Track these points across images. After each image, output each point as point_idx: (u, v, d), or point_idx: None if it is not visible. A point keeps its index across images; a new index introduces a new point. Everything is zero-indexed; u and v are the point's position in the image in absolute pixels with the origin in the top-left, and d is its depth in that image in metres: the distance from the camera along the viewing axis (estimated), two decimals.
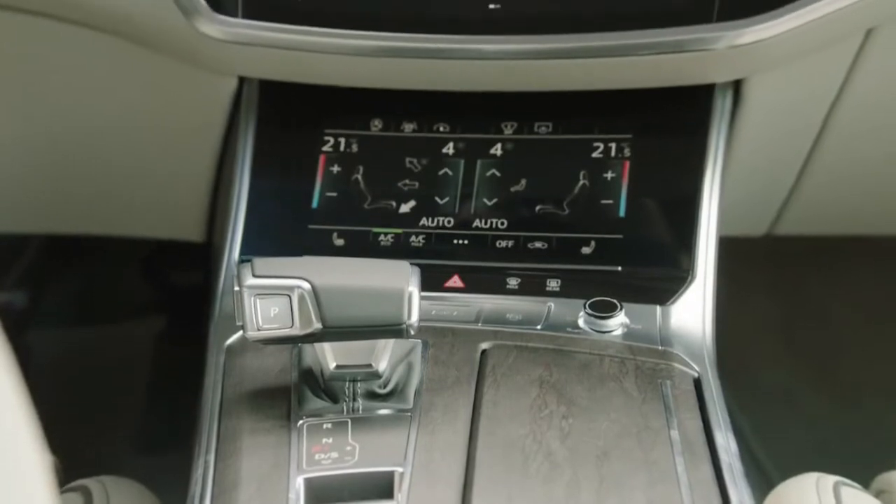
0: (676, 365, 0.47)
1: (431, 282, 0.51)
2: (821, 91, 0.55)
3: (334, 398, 0.44)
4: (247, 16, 0.50)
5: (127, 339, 0.93)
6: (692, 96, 0.54)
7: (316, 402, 0.44)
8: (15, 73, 0.60)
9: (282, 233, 0.56)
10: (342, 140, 0.57)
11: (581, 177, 0.55)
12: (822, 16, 0.46)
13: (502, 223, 0.55)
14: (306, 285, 0.42)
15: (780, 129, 0.58)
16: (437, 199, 0.56)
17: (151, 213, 0.70)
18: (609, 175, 0.55)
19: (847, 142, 0.58)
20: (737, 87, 0.54)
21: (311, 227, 0.56)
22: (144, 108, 0.62)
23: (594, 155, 0.55)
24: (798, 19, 0.46)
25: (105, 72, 0.60)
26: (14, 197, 0.68)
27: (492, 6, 0.49)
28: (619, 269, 0.52)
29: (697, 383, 0.46)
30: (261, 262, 0.42)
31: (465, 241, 0.55)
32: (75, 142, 0.65)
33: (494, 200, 0.56)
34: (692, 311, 0.50)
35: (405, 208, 0.56)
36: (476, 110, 0.57)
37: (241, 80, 0.58)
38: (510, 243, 0.55)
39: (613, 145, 0.55)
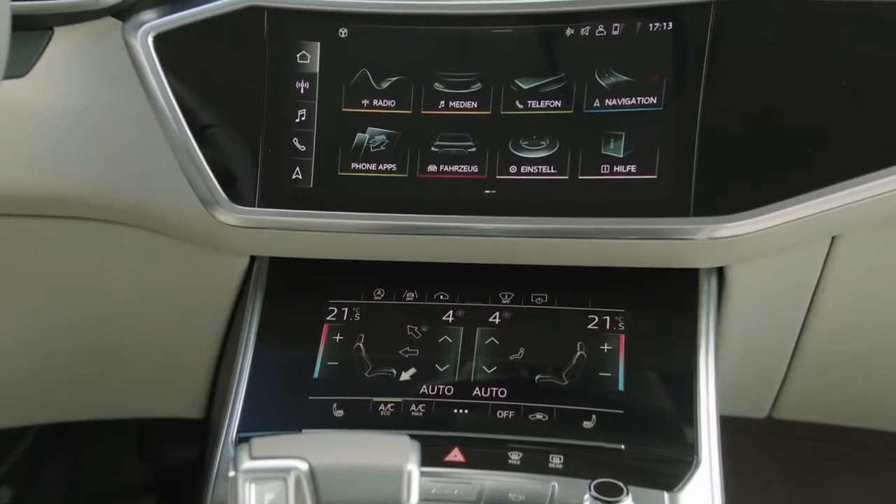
0: None
1: (431, 455, 0.50)
2: (799, 286, 0.58)
3: None
4: (262, 204, 0.54)
5: None
6: (680, 277, 0.56)
7: None
8: (26, 273, 0.63)
9: (282, 405, 0.56)
10: (345, 309, 0.59)
11: (578, 348, 0.56)
12: (786, 221, 0.50)
13: (502, 392, 0.55)
14: (304, 466, 0.41)
15: (765, 316, 0.60)
16: (437, 366, 0.56)
17: (152, 393, 0.70)
18: (606, 347, 0.56)
19: (831, 336, 0.60)
20: (721, 272, 0.57)
21: (311, 398, 0.56)
22: (156, 291, 0.64)
23: (590, 327, 0.57)
24: (765, 222, 0.50)
25: (117, 260, 0.62)
26: (14, 391, 0.68)
27: (487, 192, 0.54)
28: (622, 447, 0.51)
29: None
30: (259, 443, 0.42)
31: (466, 411, 0.55)
32: (82, 332, 0.66)
33: (494, 369, 0.56)
34: (701, 501, 0.48)
35: (405, 376, 0.57)
36: (474, 280, 0.59)
37: (252, 257, 0.61)
38: (510, 414, 0.54)
39: (608, 318, 0.57)
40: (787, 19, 0.49)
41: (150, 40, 0.53)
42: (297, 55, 0.54)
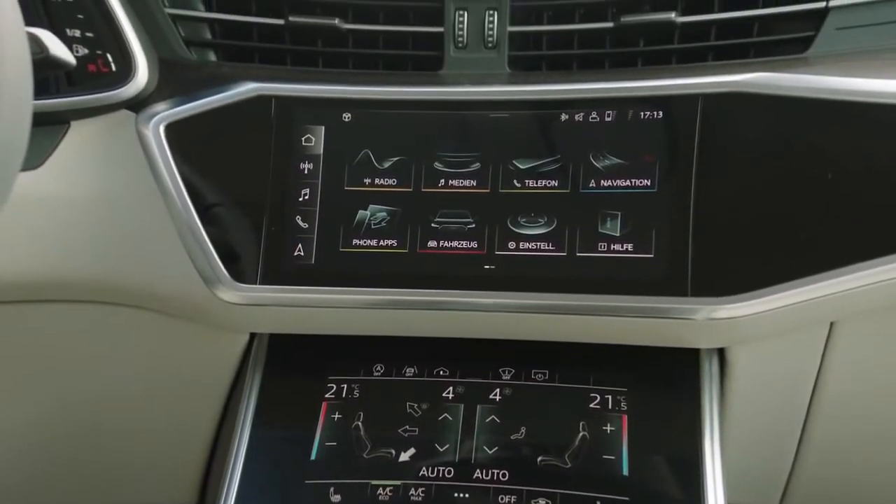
0: None
1: None
2: (800, 371, 0.58)
3: None
4: (264, 282, 0.55)
5: None
6: (681, 356, 0.56)
7: None
8: (24, 359, 0.63)
9: (278, 491, 0.54)
10: (344, 386, 0.58)
11: (581, 428, 0.55)
12: (783, 305, 0.50)
13: (504, 475, 0.53)
14: None
15: (768, 400, 0.59)
16: (436, 445, 0.55)
17: (144, 479, 0.68)
18: (608, 428, 0.54)
19: (837, 424, 0.59)
20: (722, 353, 0.56)
21: (307, 482, 0.54)
22: (154, 372, 0.63)
23: (592, 406, 0.56)
24: (763, 305, 0.50)
25: (115, 341, 0.62)
26: (3, 481, 0.67)
27: (487, 267, 0.54)
28: None
29: None
30: None
31: (466, 495, 0.53)
32: (77, 417, 0.65)
33: (495, 449, 0.55)
34: None
35: (405, 456, 0.55)
36: (475, 356, 0.59)
37: (252, 335, 0.61)
38: (513, 499, 0.52)
39: (610, 397, 0.56)
40: (771, 113, 0.51)
41: (161, 129, 0.55)
42: (302, 138, 0.56)
